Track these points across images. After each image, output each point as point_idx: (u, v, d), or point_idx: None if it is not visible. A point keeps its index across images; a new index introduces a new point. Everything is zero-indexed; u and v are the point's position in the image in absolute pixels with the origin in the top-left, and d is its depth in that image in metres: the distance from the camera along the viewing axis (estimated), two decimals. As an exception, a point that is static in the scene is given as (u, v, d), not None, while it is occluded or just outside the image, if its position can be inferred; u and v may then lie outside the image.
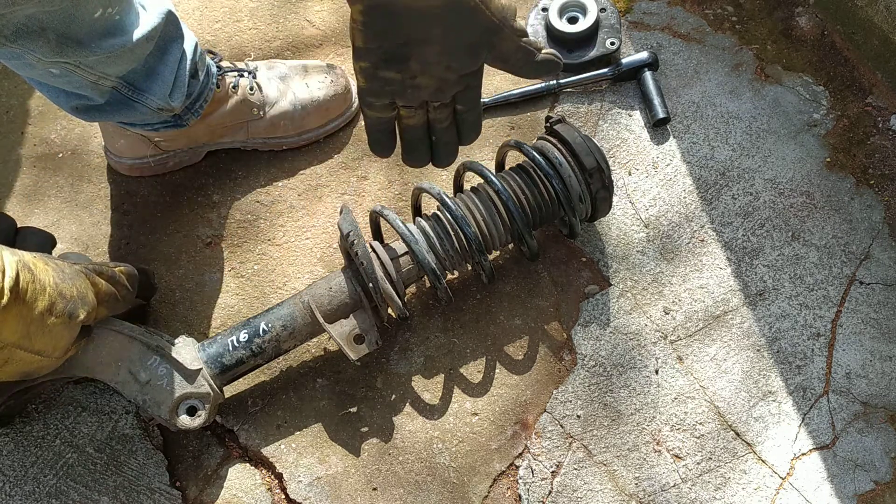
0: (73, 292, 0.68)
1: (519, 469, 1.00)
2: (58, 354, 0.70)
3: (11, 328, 0.62)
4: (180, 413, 0.91)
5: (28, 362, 0.67)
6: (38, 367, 0.70)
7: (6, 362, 0.65)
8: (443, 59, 0.63)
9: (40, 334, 0.66)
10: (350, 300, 0.97)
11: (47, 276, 0.65)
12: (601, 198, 1.03)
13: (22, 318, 0.62)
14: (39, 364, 0.69)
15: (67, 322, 0.68)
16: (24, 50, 0.83)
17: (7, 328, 0.61)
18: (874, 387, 1.03)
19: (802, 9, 1.30)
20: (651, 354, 1.06)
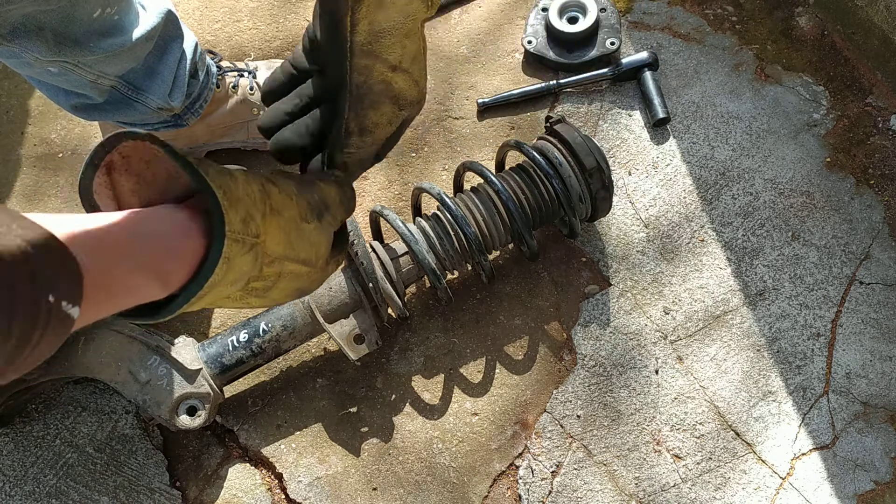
0: (314, 196, 0.70)
1: (519, 469, 1.00)
2: (321, 264, 0.71)
3: (274, 237, 0.62)
4: (180, 413, 0.91)
5: (298, 275, 0.68)
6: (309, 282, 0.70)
7: (279, 277, 0.65)
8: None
9: (300, 241, 0.66)
10: (350, 300, 0.97)
11: (288, 185, 0.66)
12: (601, 198, 1.03)
13: (280, 227, 0.63)
14: (309, 277, 0.70)
15: (319, 225, 0.69)
16: (21, 49, 0.83)
17: (271, 237, 0.62)
18: (874, 387, 1.03)
19: (802, 9, 1.30)
20: (651, 354, 1.06)
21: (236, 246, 0.57)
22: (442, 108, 1.25)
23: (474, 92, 1.26)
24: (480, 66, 1.28)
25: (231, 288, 0.60)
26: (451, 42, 1.31)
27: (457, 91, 1.26)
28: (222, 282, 0.57)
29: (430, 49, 1.30)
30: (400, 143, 1.21)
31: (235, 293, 0.61)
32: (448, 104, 1.25)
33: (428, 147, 1.22)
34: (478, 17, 1.33)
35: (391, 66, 0.67)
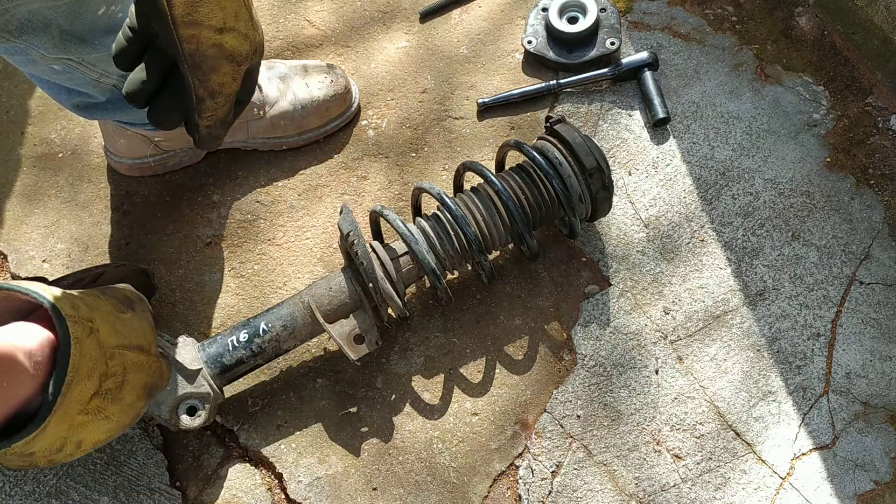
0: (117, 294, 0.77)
1: (519, 469, 1.00)
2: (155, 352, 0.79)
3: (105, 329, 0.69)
4: (180, 413, 0.91)
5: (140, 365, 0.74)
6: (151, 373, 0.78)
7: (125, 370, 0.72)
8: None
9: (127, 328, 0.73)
10: (350, 300, 0.97)
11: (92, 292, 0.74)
12: (601, 198, 1.03)
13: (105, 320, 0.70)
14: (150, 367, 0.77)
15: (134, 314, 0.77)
16: (27, 45, 0.83)
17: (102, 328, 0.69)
18: (874, 387, 1.03)
19: (802, 9, 1.30)
20: (651, 354, 1.06)
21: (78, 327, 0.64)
22: (442, 108, 1.25)
23: (474, 92, 1.26)
24: (480, 66, 1.28)
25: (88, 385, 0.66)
26: (451, 42, 1.31)
27: (457, 91, 1.26)
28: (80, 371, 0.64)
29: (431, 49, 1.30)
30: (400, 143, 1.21)
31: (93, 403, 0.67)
32: (448, 104, 1.25)
33: (428, 147, 1.22)
34: (478, 17, 1.33)
35: (217, 30, 0.68)
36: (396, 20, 1.33)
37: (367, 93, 1.26)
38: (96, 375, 0.66)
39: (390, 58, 1.30)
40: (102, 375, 0.67)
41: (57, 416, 0.61)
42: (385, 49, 1.31)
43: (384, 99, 1.26)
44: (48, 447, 0.64)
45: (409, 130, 1.23)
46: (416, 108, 1.25)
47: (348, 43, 1.32)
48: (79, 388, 0.63)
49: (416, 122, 1.24)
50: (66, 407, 0.62)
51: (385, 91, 1.27)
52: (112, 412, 0.70)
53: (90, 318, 0.67)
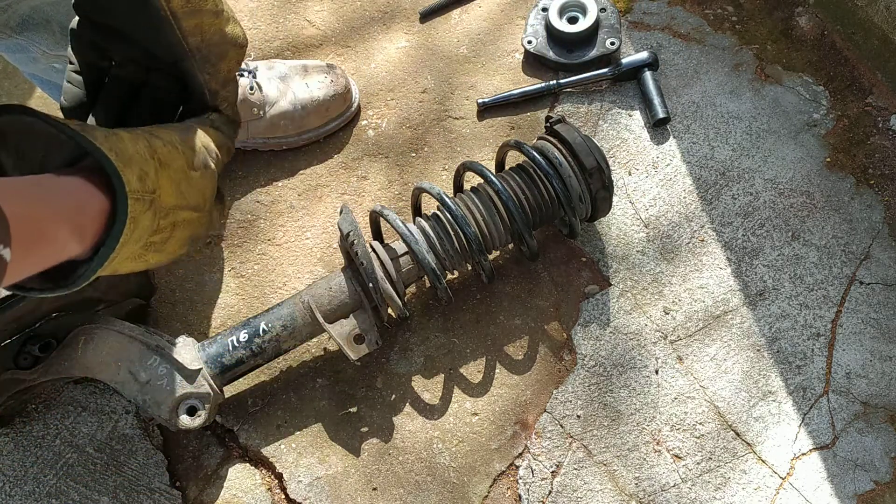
0: (198, 144, 0.72)
1: (519, 469, 1.00)
2: (208, 207, 0.74)
3: (167, 190, 0.64)
4: (180, 413, 0.91)
5: (189, 221, 0.70)
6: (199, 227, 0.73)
7: (174, 226, 0.67)
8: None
9: (189, 189, 0.69)
10: (350, 300, 0.97)
11: (171, 137, 0.68)
12: (601, 198, 1.03)
13: (170, 179, 0.65)
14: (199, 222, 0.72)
15: (204, 171, 0.71)
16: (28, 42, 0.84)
17: (164, 190, 0.64)
18: (874, 387, 1.03)
19: (802, 9, 1.30)
20: (651, 354, 1.06)
21: (138, 205, 0.59)
22: (442, 108, 1.25)
23: (474, 92, 1.26)
24: (480, 66, 1.28)
25: (135, 246, 0.62)
26: (451, 42, 1.31)
27: (457, 91, 1.26)
28: (129, 241, 0.59)
29: (431, 49, 1.30)
30: (400, 143, 1.21)
31: (137, 251, 0.63)
32: (448, 104, 1.25)
33: (428, 147, 1.22)
34: (478, 17, 1.33)
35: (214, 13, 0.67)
36: (396, 20, 1.33)
37: (367, 93, 1.26)
38: (145, 236, 0.63)
39: (390, 58, 1.30)
40: (151, 233, 0.64)
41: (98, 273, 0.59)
42: (385, 49, 1.31)
43: (384, 99, 1.26)
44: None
45: (409, 130, 1.23)
46: (416, 108, 1.25)
47: (348, 43, 1.32)
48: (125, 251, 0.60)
49: (416, 122, 1.24)
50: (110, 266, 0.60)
51: (385, 91, 1.27)
52: (151, 258, 0.67)
53: (155, 187, 0.62)
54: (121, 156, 0.59)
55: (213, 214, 0.76)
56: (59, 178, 0.58)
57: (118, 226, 0.58)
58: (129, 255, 0.62)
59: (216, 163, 0.75)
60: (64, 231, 0.54)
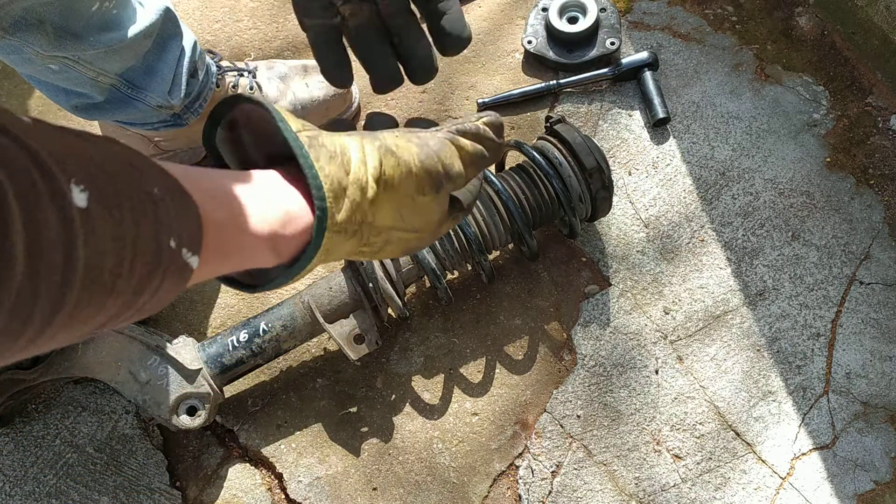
0: (438, 168, 0.62)
1: (519, 469, 1.00)
2: (432, 229, 0.66)
3: (384, 214, 0.58)
4: (180, 413, 0.91)
5: (407, 240, 0.63)
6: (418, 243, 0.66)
7: (387, 243, 0.62)
8: None
9: (412, 214, 0.61)
10: (350, 300, 0.97)
11: (411, 157, 0.60)
12: (601, 198, 1.03)
13: (392, 203, 0.59)
14: (419, 240, 0.65)
15: (435, 197, 0.63)
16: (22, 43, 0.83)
17: (380, 214, 0.58)
18: (874, 387, 1.03)
19: (802, 9, 1.30)
20: (651, 354, 1.06)
21: (338, 237, 0.54)
22: (442, 108, 1.25)
23: (474, 92, 1.26)
24: (480, 66, 1.28)
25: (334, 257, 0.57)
26: (451, 42, 1.31)
27: (457, 91, 1.26)
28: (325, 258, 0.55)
29: (430, 49, 1.30)
30: (400, 143, 1.21)
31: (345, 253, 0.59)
32: (448, 104, 1.25)
33: (428, 147, 1.21)
34: (478, 17, 1.33)
35: None
36: (396, 20, 1.33)
37: (367, 93, 1.26)
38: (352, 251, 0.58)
39: (390, 58, 1.30)
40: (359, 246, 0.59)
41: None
42: (385, 49, 1.30)
43: (384, 99, 1.26)
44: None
45: (409, 130, 1.23)
46: (416, 108, 1.25)
47: (348, 43, 1.32)
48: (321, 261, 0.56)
49: (416, 122, 1.24)
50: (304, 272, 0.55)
51: (385, 91, 1.26)
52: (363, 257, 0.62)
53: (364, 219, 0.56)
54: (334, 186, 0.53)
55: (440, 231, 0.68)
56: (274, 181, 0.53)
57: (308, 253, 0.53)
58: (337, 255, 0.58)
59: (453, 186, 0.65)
60: (264, 246, 0.51)
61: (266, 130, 0.55)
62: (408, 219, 0.61)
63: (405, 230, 0.62)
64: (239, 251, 0.50)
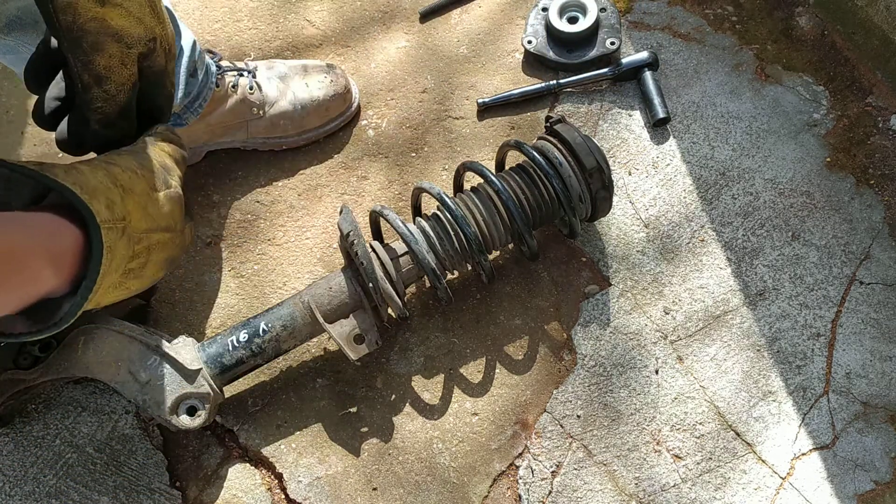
0: (155, 166, 0.71)
1: (519, 469, 1.00)
2: (180, 227, 0.73)
3: (136, 216, 0.64)
4: (180, 413, 0.91)
5: (164, 243, 0.69)
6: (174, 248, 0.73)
7: (149, 250, 0.67)
8: None
9: (157, 211, 0.68)
10: (350, 300, 0.97)
11: (129, 162, 0.68)
12: (601, 198, 1.03)
13: (138, 204, 0.65)
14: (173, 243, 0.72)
15: (167, 191, 0.71)
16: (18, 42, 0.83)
17: (134, 216, 0.64)
18: (874, 387, 1.03)
19: (802, 9, 1.30)
20: (651, 354, 1.06)
21: (112, 233, 0.59)
22: (442, 108, 1.25)
23: (474, 92, 1.26)
24: (480, 66, 1.28)
25: (115, 275, 0.61)
26: (451, 42, 1.31)
27: (457, 91, 1.26)
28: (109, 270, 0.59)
29: (431, 49, 1.30)
30: (400, 143, 1.21)
31: (116, 279, 0.63)
32: (448, 104, 1.25)
33: (428, 147, 1.22)
34: (478, 17, 1.33)
35: (97, 1, 0.63)
36: (396, 20, 1.33)
37: (367, 93, 1.26)
38: (123, 263, 0.63)
39: (390, 58, 1.30)
40: (129, 260, 0.64)
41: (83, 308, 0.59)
42: (385, 49, 1.31)
43: (384, 99, 1.26)
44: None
45: (409, 130, 1.23)
46: (416, 108, 1.25)
47: (348, 43, 1.32)
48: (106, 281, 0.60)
49: (416, 122, 1.24)
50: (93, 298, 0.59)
51: (385, 91, 1.27)
52: (132, 284, 0.67)
53: (124, 214, 0.62)
54: (85, 188, 0.58)
55: (186, 233, 0.76)
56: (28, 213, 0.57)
57: (96, 256, 0.57)
58: (110, 285, 0.62)
59: (178, 179, 0.74)
60: (40, 262, 0.54)
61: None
62: (156, 216, 0.67)
63: (159, 230, 0.68)
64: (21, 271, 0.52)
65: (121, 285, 0.65)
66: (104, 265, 0.58)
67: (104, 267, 0.58)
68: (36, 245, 0.54)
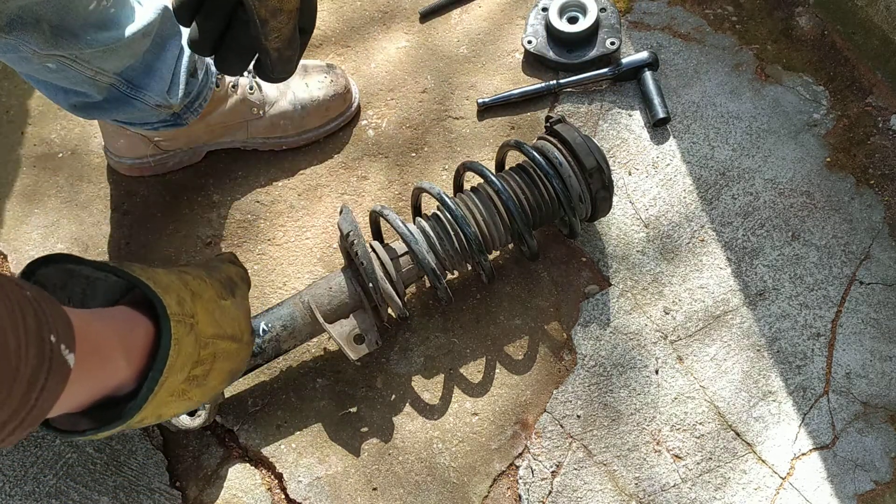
0: (223, 277, 0.77)
1: (519, 469, 1.00)
2: (246, 338, 0.77)
3: (203, 319, 0.68)
4: (180, 413, 0.91)
5: (229, 353, 0.73)
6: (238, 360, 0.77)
7: (214, 358, 0.70)
8: None
9: (224, 318, 0.72)
10: (350, 300, 0.97)
11: (199, 272, 0.73)
12: (601, 198, 1.03)
13: (206, 309, 0.69)
14: (238, 354, 0.76)
15: (234, 301, 0.76)
16: (19, 41, 0.83)
17: (201, 318, 0.67)
18: (874, 387, 1.03)
19: (802, 9, 1.30)
20: (651, 354, 1.06)
21: (180, 327, 0.63)
22: (442, 108, 1.25)
23: (474, 92, 1.26)
24: (480, 66, 1.28)
25: (180, 375, 0.65)
26: (451, 42, 1.31)
27: (457, 91, 1.26)
28: (175, 367, 0.63)
29: (431, 49, 1.30)
30: (400, 143, 1.21)
31: (180, 386, 0.66)
32: (448, 104, 1.25)
33: (428, 147, 1.22)
34: (478, 17, 1.33)
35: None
36: (396, 20, 1.33)
37: (367, 93, 1.26)
38: (188, 366, 0.65)
39: (390, 58, 1.30)
40: (194, 364, 0.66)
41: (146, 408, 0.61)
42: (385, 49, 1.31)
43: (384, 99, 1.26)
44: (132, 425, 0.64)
45: (409, 130, 1.23)
46: (416, 108, 1.25)
47: (348, 43, 1.32)
48: (171, 381, 0.62)
49: (416, 122, 1.24)
50: (157, 398, 0.62)
51: (385, 91, 1.27)
52: (194, 394, 0.69)
53: (193, 312, 0.66)
54: (158, 284, 0.63)
55: (251, 344, 0.80)
56: (107, 308, 0.62)
57: (164, 347, 0.61)
58: (173, 390, 0.65)
59: (242, 294, 0.80)
60: (116, 351, 0.57)
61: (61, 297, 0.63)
62: (223, 323, 0.72)
63: (226, 337, 0.72)
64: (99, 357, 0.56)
65: (184, 394, 0.67)
66: (171, 357, 0.61)
67: (171, 359, 0.62)
68: (113, 333, 0.58)
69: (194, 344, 0.66)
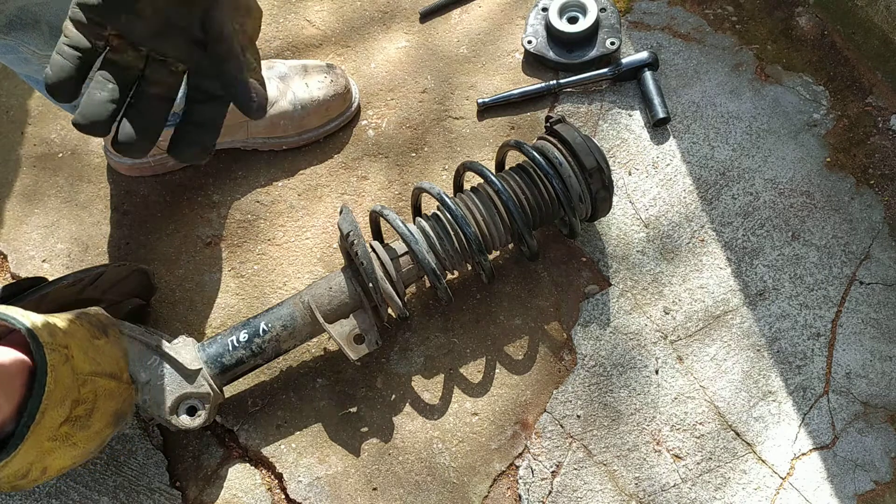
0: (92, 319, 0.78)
1: (519, 469, 1.00)
2: (126, 377, 0.79)
3: (79, 356, 0.69)
4: (180, 413, 0.91)
5: (110, 391, 0.75)
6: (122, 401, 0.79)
7: (96, 396, 0.72)
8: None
9: (100, 356, 0.74)
10: (350, 300, 0.97)
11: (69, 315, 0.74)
12: (601, 198, 1.03)
13: (80, 347, 0.70)
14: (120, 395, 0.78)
15: (108, 340, 0.78)
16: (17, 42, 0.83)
17: (77, 355, 0.69)
18: (874, 387, 1.03)
19: (802, 9, 1.30)
20: (651, 354, 1.06)
21: (55, 355, 0.64)
22: (442, 108, 1.25)
23: (474, 92, 1.26)
24: (480, 66, 1.28)
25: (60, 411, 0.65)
26: (451, 42, 1.31)
27: (457, 91, 1.26)
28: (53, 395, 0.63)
29: (431, 49, 1.30)
30: (400, 143, 1.22)
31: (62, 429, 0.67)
32: (448, 104, 1.25)
33: (428, 147, 1.22)
34: (478, 17, 1.33)
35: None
36: (396, 20, 1.33)
37: (367, 93, 1.27)
38: (68, 402, 0.66)
39: (390, 58, 1.30)
40: (74, 402, 0.67)
41: (28, 443, 0.61)
42: (385, 49, 1.31)
43: (384, 99, 1.26)
44: (14, 473, 0.63)
45: (409, 130, 1.23)
46: (416, 108, 1.25)
47: (348, 43, 1.32)
48: (51, 415, 0.64)
49: (416, 122, 1.24)
50: (38, 433, 0.62)
51: (385, 91, 1.27)
52: (79, 439, 0.70)
53: (66, 344, 0.67)
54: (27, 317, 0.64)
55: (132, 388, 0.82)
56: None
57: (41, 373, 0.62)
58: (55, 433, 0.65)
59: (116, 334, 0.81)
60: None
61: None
62: (99, 360, 0.73)
63: (104, 375, 0.73)
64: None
65: (68, 439, 0.68)
66: (49, 385, 0.62)
67: (49, 387, 0.62)
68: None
69: (71, 375, 0.66)
